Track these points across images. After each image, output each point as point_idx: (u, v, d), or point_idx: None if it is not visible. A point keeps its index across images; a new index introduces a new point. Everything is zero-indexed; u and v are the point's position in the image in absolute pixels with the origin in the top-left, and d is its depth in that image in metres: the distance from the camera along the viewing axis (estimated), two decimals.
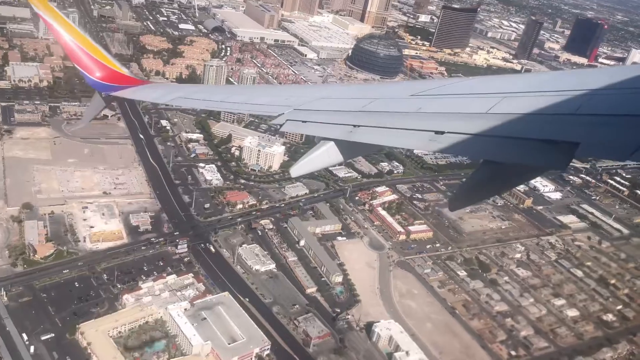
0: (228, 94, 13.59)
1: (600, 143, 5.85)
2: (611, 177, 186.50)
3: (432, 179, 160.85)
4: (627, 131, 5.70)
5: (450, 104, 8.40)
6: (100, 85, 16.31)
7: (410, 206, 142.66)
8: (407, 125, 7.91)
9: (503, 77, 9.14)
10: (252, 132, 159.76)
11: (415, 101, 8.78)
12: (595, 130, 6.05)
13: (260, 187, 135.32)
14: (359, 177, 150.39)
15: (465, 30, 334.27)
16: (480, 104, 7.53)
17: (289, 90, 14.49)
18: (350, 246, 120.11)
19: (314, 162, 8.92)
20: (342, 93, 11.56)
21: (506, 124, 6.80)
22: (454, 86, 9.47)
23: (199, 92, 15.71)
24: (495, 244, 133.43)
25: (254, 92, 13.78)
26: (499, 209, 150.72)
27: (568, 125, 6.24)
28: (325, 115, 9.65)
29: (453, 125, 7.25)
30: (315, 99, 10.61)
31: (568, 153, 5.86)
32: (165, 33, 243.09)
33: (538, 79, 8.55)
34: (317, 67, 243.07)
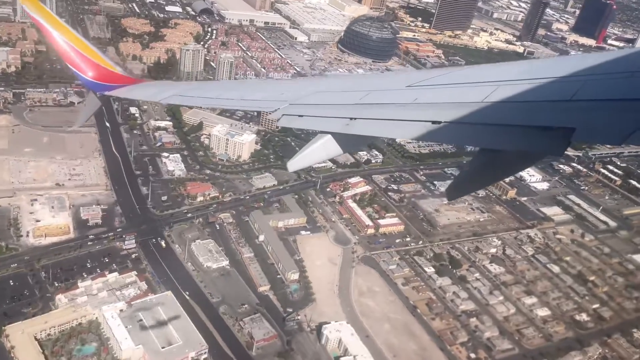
0: (223, 91, 13.68)
1: (595, 128, 5.83)
2: (604, 166, 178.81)
3: (413, 169, 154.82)
4: (622, 115, 5.71)
5: (446, 94, 8.39)
6: (94, 85, 16.09)
7: (385, 198, 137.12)
8: (404, 116, 7.99)
9: (498, 66, 9.09)
10: (225, 120, 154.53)
11: (411, 92, 8.77)
12: (591, 115, 6.03)
13: (226, 178, 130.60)
14: (333, 167, 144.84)
15: (467, 11, 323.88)
16: (475, 93, 7.55)
17: (284, 85, 14.10)
18: (314, 241, 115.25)
19: (311, 156, 8.94)
20: (337, 86, 11.45)
21: (502, 112, 6.88)
22: (450, 76, 9.44)
23: (193, 89, 15.63)
24: (470, 237, 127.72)
25: (249, 88, 13.75)
26: (479, 200, 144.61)
27: (563, 111, 6.27)
28: (322, 109, 9.57)
29: (449, 115, 7.27)
30: (310, 93, 10.49)
31: (564, 139, 5.86)
32: (150, 16, 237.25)
33: (532, 66, 8.66)
34: (306, 50, 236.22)
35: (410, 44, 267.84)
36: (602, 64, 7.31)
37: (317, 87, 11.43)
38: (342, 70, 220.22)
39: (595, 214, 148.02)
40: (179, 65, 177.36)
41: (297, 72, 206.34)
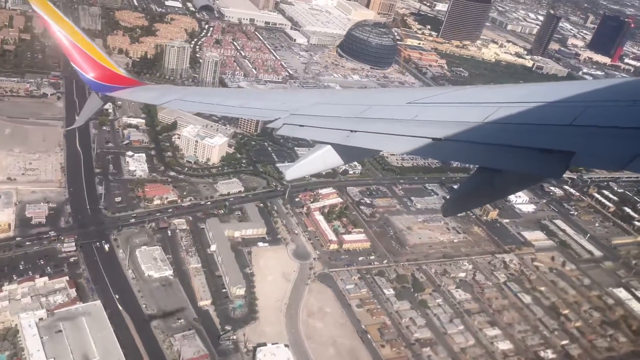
0: (224, 98, 13.96)
1: (595, 153, 5.88)
2: (599, 191, 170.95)
3: (392, 183, 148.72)
4: (622, 142, 5.77)
5: (446, 113, 8.39)
6: (96, 84, 16.20)
7: (356, 211, 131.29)
8: (404, 132, 7.99)
9: (499, 87, 9.19)
10: (201, 121, 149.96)
11: (411, 109, 8.82)
12: (591, 140, 6.08)
13: (191, 181, 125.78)
14: (307, 176, 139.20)
15: (477, 21, 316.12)
16: (476, 113, 7.62)
17: (286, 95, 14.51)
18: (271, 254, 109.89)
19: (310, 165, 9.09)
20: (338, 99, 11.56)
21: (502, 133, 6.92)
22: (451, 95, 9.49)
23: (195, 94, 15.78)
24: (440, 259, 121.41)
25: (250, 97, 13.79)
26: (458, 220, 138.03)
27: (563, 135, 6.32)
28: (322, 120, 9.63)
29: (450, 133, 7.34)
30: (311, 104, 10.62)
31: (563, 162, 5.93)
32: (147, 9, 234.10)
33: (534, 90, 8.55)
34: (303, 53, 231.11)
35: (413, 52, 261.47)
36: (604, 91, 7.32)
37: (317, 99, 11.40)
38: (337, 75, 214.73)
39: (580, 242, 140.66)
40: (163, 62, 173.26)
41: (289, 75, 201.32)
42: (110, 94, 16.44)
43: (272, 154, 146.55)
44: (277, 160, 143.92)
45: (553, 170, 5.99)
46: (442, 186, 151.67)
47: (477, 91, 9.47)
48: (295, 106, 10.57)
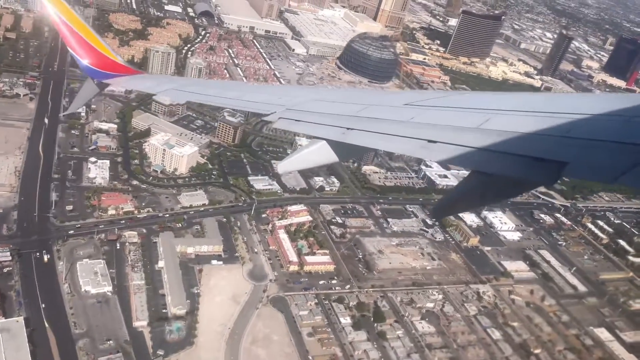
0: (221, 89, 14.35)
1: (588, 164, 5.94)
2: (594, 221, 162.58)
3: (370, 202, 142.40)
4: (615, 155, 5.85)
5: (442, 116, 8.39)
6: (93, 71, 16.12)
7: (325, 231, 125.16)
8: (400, 132, 8.06)
9: (495, 94, 9.26)
10: (177, 128, 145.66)
11: (408, 110, 8.86)
12: (585, 152, 6.14)
13: (153, 191, 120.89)
14: (279, 191, 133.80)
15: (487, 38, 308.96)
16: (472, 119, 7.71)
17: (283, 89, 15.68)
18: (224, 273, 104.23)
19: (303, 160, 9.10)
20: (335, 97, 11.48)
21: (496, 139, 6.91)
22: (448, 99, 9.54)
23: (192, 85, 15.41)
24: (408, 287, 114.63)
25: (248, 89, 13.57)
26: (435, 245, 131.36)
27: (557, 146, 6.34)
28: (318, 116, 9.63)
29: (444, 137, 7.41)
30: (308, 100, 10.64)
31: (556, 170, 5.99)
32: (144, 13, 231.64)
33: (529, 100, 8.58)
34: (299, 63, 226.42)
35: (416, 67, 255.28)
36: (599, 105, 7.29)
37: (315, 95, 11.36)
38: (331, 87, 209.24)
39: (565, 275, 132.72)
40: (147, 67, 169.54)
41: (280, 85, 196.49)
42: (106, 81, 16.33)
43: (247, 167, 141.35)
44: (251, 173, 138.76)
45: (546, 178, 6.06)
46: (423, 208, 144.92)
47: (473, 97, 9.59)
48: (292, 101, 10.58)
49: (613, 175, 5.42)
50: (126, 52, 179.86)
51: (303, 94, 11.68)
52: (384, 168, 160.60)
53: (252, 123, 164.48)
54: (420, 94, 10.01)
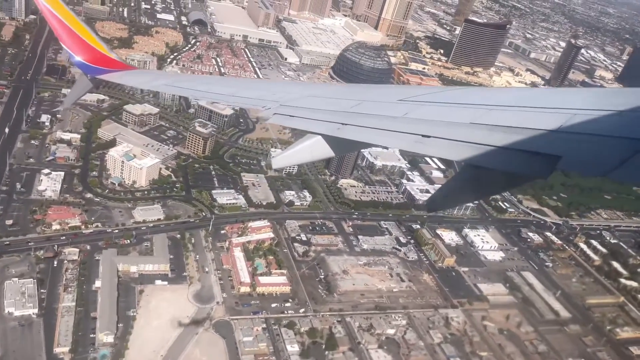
0: (215, 85, 13.73)
1: (581, 158, 5.96)
2: (587, 241, 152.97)
3: (342, 217, 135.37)
4: (607, 150, 5.85)
5: (436, 112, 8.44)
6: (86, 67, 16.02)
7: (287, 249, 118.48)
8: (394, 128, 8.10)
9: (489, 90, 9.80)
10: (145, 139, 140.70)
11: (402, 106, 8.85)
12: (577, 146, 6.15)
13: (107, 205, 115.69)
14: (244, 205, 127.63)
15: (491, 47, 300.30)
16: (465, 114, 7.76)
17: (277, 85, 13.40)
18: (167, 294, 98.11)
19: (298, 155, 9.03)
20: (329, 92, 11.41)
21: (490, 134, 6.95)
22: (441, 95, 9.47)
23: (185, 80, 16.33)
24: (370, 311, 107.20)
25: (242, 85, 13.81)
26: (407, 264, 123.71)
27: (550, 140, 6.36)
28: (313, 112, 9.64)
29: (438, 131, 7.45)
30: (303, 96, 10.64)
31: (550, 164, 5.99)
32: (135, 22, 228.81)
33: (522, 95, 8.55)
34: (290, 72, 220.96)
35: (413, 77, 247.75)
36: (592, 99, 7.30)
37: (309, 91, 11.34)
38: None
39: (547, 299, 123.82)
40: None
41: None
42: (100, 76, 16.16)
43: (214, 179, 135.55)
44: (218, 186, 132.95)
45: (539, 172, 6.04)
46: (399, 225, 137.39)
47: (467, 92, 9.42)
48: (286, 97, 10.55)
49: (604, 170, 5.42)
50: None
51: (297, 90, 11.54)
52: (362, 182, 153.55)
53: (229, 134, 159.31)
54: (414, 90, 9.77)
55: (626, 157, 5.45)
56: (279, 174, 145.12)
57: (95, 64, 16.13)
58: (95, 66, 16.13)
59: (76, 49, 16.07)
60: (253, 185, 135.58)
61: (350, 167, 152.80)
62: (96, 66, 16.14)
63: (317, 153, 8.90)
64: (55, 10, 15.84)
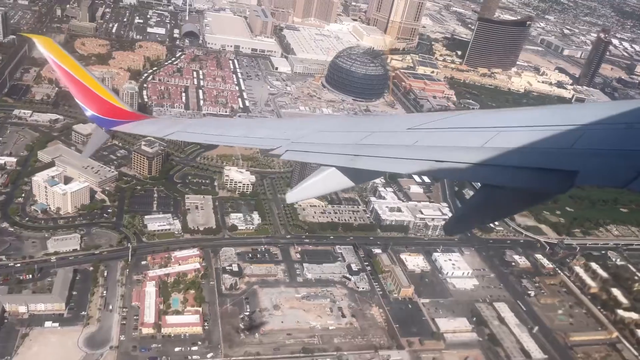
0: (226, 128, 13.92)
1: (598, 171, 5.95)
2: (586, 263, 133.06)
3: (292, 242, 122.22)
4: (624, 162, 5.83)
5: (447, 138, 8.45)
6: (100, 120, 16.30)
7: (214, 281, 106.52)
8: (406, 156, 8.16)
9: (498, 112, 9.34)
10: (88, 161, 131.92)
11: (412, 134, 8.86)
12: (594, 160, 6.14)
13: (21, 235, 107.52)
14: (178, 232, 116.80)
15: (511, 47, 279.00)
16: (476, 138, 7.69)
17: (287, 123, 13.55)
18: (55, 338, 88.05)
19: (313, 188, 9.04)
20: (339, 126, 11.45)
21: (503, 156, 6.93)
22: (451, 120, 9.51)
23: (197, 125, 15.16)
24: (294, 355, 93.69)
25: (253, 126, 13.64)
26: (356, 296, 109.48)
27: (566, 156, 6.35)
28: (325, 146, 9.71)
29: (451, 157, 7.43)
30: (312, 132, 10.72)
31: (568, 179, 5.95)
32: (122, 37, 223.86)
33: (532, 114, 8.50)
34: (277, 82, 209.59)
35: (416, 82, 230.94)
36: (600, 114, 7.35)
37: (318, 126, 11.34)
38: (304, 108, 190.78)
39: (520, 337, 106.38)
40: None
41: (241, 108, 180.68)
42: (115, 128, 16.23)
43: (154, 202, 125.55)
44: (156, 210, 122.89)
45: (558, 187, 5.99)
46: (357, 250, 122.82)
47: (476, 116, 9.63)
48: (297, 134, 10.61)
49: (624, 181, 5.40)
50: None
51: (306, 126, 11.45)
52: (327, 200, 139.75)
53: (187, 151, 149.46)
54: (423, 117, 9.62)
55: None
56: (231, 194, 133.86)
57: (108, 116, 16.14)
58: (108, 118, 16.13)
59: (88, 103, 16.12)
60: (196, 209, 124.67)
61: None
62: (109, 118, 16.13)
63: (331, 185, 8.94)
64: (65, 65, 15.89)
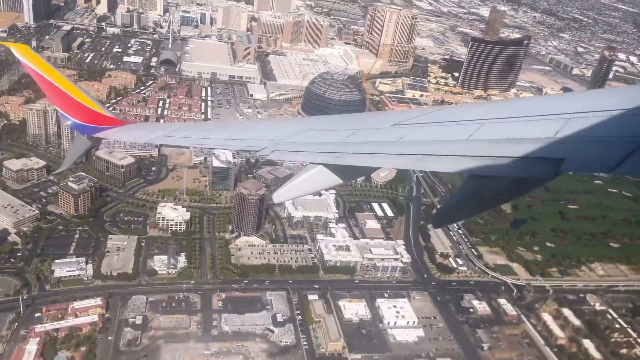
0: (210, 131, 13.82)
1: (584, 158, 5.95)
2: (558, 309, 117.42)
3: (217, 288, 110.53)
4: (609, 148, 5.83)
5: (431, 132, 8.46)
6: (81, 127, 16.17)
7: (113, 336, 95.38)
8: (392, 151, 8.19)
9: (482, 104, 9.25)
10: (9, 198, 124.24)
11: (397, 130, 8.79)
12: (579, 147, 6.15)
13: None
14: (88, 278, 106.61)
15: (507, 67, 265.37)
16: (461, 131, 7.69)
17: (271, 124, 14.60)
18: None
19: (300, 186, 8.93)
20: (323, 125, 11.47)
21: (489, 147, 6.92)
22: (434, 114, 9.41)
23: (181, 129, 15.32)
24: None
25: (237, 128, 13.86)
26: (275, 353, 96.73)
27: (551, 145, 6.35)
28: (310, 145, 9.75)
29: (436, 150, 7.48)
30: (297, 132, 10.65)
31: (553, 166, 5.93)
32: (94, 66, 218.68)
33: (516, 105, 8.63)
34: (248, 110, 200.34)
35: (400, 107, 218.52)
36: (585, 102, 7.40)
37: (304, 126, 11.31)
38: None
39: None
40: (27, 127, 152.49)
41: None
42: (97, 134, 16.12)
43: (73, 244, 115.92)
44: (73, 252, 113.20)
45: (544, 174, 5.99)
46: (291, 296, 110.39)
47: (461, 109, 9.35)
48: (283, 134, 10.56)
49: (609, 166, 5.41)
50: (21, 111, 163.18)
51: (292, 127, 11.39)
52: (270, 238, 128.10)
53: (128, 186, 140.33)
54: (407, 113, 9.67)
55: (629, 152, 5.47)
56: (162, 233, 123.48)
57: (90, 123, 15.88)
58: (90, 125, 15.87)
59: (69, 110, 15.95)
60: (117, 251, 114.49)
61: (256, 221, 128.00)
62: (92, 125, 15.86)
63: (318, 183, 8.85)
64: (43, 72, 15.66)
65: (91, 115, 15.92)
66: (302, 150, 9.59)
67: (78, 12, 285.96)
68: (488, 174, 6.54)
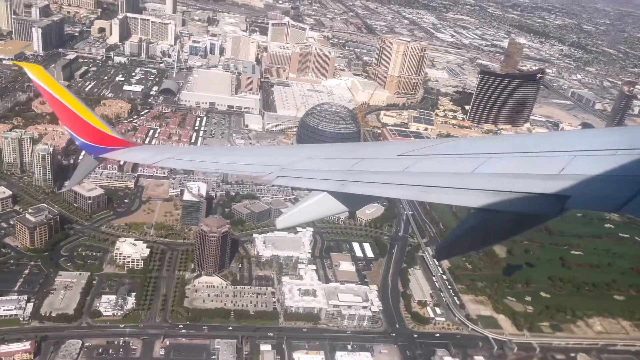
0: (216, 155, 13.92)
1: (590, 196, 5.89)
2: None
3: (162, 334, 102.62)
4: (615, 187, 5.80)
5: (437, 164, 8.47)
6: (90, 147, 16.30)
7: None
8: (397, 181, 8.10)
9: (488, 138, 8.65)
10: None
11: (402, 161, 8.83)
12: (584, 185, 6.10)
13: None
14: (25, 319, 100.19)
15: (520, 101, 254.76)
16: (466, 164, 7.66)
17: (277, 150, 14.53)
18: None
19: (304, 213, 8.91)
20: (329, 153, 11.51)
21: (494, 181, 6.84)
22: (440, 146, 9.46)
23: (186, 153, 15.76)
24: None
25: (242, 153, 13.93)
26: None
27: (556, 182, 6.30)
28: (315, 172, 9.68)
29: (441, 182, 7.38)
30: (303, 158, 10.62)
31: (559, 203, 5.91)
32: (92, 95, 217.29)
33: (522, 141, 8.56)
34: (240, 141, 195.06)
35: (401, 140, 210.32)
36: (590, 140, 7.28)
37: (308, 153, 11.27)
38: None
39: None
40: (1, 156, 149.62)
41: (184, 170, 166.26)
42: (105, 155, 16.27)
43: (20, 281, 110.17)
44: (18, 289, 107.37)
45: (549, 211, 5.89)
46: (242, 345, 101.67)
47: (466, 142, 9.40)
48: (287, 161, 10.52)
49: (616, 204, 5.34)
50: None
51: (296, 153, 11.28)
52: (233, 279, 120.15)
53: (95, 218, 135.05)
54: (413, 144, 9.82)
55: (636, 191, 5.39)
56: (119, 270, 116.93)
57: (98, 144, 15.97)
58: (97, 145, 15.95)
59: (78, 130, 15.98)
60: (64, 288, 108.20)
61: (219, 259, 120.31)
62: (99, 145, 15.94)
63: (322, 210, 8.78)
64: (55, 92, 15.91)
65: (99, 136, 16.16)
66: (307, 177, 9.46)
67: (90, 42, 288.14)
68: (492, 208, 6.40)
